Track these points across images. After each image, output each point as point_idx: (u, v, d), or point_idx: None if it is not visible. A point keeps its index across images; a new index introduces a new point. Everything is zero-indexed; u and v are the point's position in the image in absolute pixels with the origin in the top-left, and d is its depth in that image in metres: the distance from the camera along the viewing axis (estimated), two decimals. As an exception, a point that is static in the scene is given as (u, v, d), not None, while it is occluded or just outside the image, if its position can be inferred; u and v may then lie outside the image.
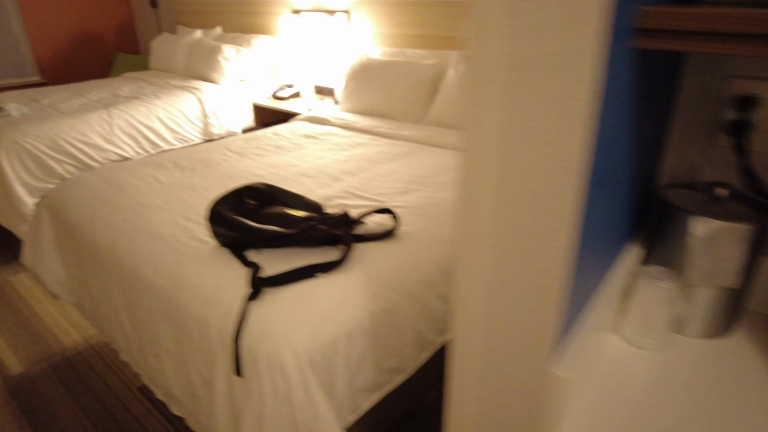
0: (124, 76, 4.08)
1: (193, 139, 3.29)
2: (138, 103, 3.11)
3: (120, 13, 5.17)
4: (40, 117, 2.83)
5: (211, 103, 3.34)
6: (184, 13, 4.48)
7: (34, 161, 2.64)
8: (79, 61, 5.00)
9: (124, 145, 2.96)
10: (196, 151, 2.15)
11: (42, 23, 4.68)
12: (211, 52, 3.55)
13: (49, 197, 1.85)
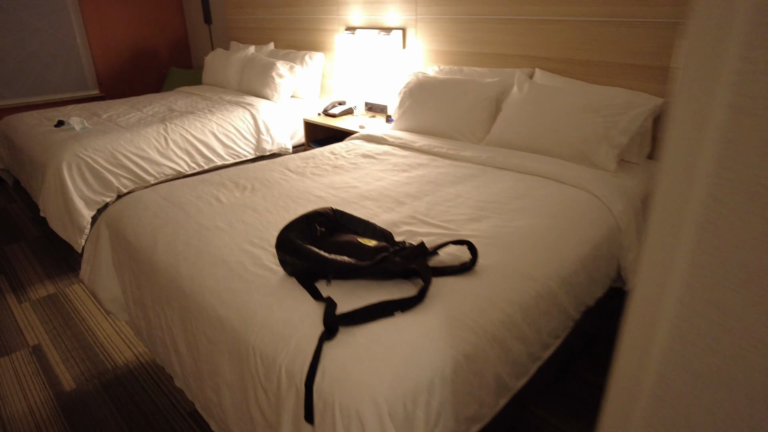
0: (178, 90, 4.15)
1: (245, 155, 3.28)
2: (192, 117, 3.13)
3: (175, 29, 5.31)
4: (100, 131, 2.88)
5: (264, 119, 3.33)
6: (237, 29, 4.54)
7: (92, 174, 2.67)
8: (135, 76, 5.14)
9: (178, 160, 2.97)
10: (255, 170, 2.11)
11: (103, 40, 4.84)
12: (265, 69, 3.56)
13: (108, 213, 1.83)
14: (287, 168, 2.16)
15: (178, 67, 5.27)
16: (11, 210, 3.76)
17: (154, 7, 5.09)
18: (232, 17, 4.55)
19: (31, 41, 4.47)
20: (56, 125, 3.04)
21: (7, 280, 2.77)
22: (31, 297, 2.59)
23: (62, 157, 2.58)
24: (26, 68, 4.49)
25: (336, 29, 3.57)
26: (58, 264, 2.90)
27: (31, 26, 4.44)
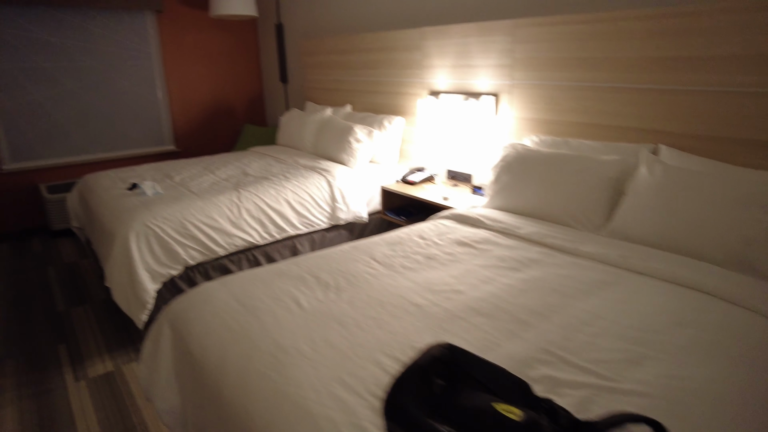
0: (252, 151, 4.05)
1: (319, 224, 3.05)
2: (267, 184, 2.95)
3: (252, 88, 5.34)
4: (172, 197, 2.74)
5: (340, 187, 3.11)
6: (313, 89, 4.46)
7: (160, 245, 2.50)
8: (211, 132, 5.17)
9: (250, 230, 2.77)
10: (337, 260, 1.83)
11: (182, 97, 4.92)
12: (342, 133, 3.37)
13: (172, 311, 1.59)
14: (373, 258, 1.86)
15: (252, 125, 5.27)
16: (82, 266, 3.71)
17: (232, 66, 5.16)
18: (308, 77, 4.49)
19: (116, 99, 4.58)
20: (129, 188, 2.94)
21: (67, 349, 2.62)
22: (89, 374, 2.40)
23: (131, 226, 2.44)
24: (110, 124, 4.60)
25: (418, 93, 3.36)
26: (119, 334, 2.72)
27: (118, 85, 4.57)
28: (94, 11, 4.32)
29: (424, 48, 3.24)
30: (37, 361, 2.52)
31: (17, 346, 2.66)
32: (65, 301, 3.14)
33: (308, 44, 4.36)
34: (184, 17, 4.77)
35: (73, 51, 4.31)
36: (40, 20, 4.11)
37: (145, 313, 2.45)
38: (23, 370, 2.44)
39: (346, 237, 3.25)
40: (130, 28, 4.53)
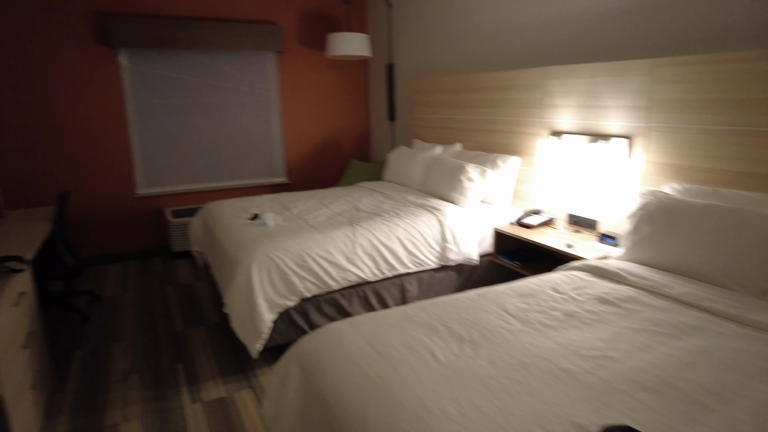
0: (360, 186, 4.11)
1: (429, 264, 2.98)
2: (380, 221, 2.94)
3: (359, 124, 5.50)
4: (291, 229, 2.81)
5: (451, 226, 3.03)
6: (421, 127, 4.48)
7: (280, 276, 2.55)
8: (319, 166, 5.35)
9: (363, 266, 2.76)
10: (467, 309, 1.73)
11: (295, 132, 5.16)
12: (454, 171, 3.32)
13: (301, 350, 1.57)
14: (505, 310, 1.74)
15: (357, 160, 5.39)
16: (197, 288, 3.91)
17: (342, 103, 5.35)
18: (417, 115, 4.52)
19: (236, 133, 4.91)
20: (251, 218, 3.07)
21: (185, 369, 2.72)
22: (203, 397, 2.47)
23: (254, 256, 2.51)
24: (230, 156, 4.92)
25: (537, 133, 3.23)
26: (232, 360, 2.79)
27: (239, 120, 4.90)
28: (224, 53, 4.71)
29: (546, 87, 3.12)
30: (159, 377, 2.64)
31: (143, 361, 2.81)
32: (183, 321, 3.31)
33: (419, 83, 4.41)
34: (302, 57, 5.05)
35: (203, 88, 4.69)
36: (177, 61, 4.54)
37: (260, 342, 2.49)
38: (148, 386, 2.57)
39: (455, 278, 3.15)
40: (253, 68, 4.87)
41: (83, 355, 2.89)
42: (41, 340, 2.50)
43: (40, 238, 2.81)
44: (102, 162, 4.39)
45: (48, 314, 3.48)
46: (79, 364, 2.80)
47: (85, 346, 3.01)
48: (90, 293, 3.70)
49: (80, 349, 2.97)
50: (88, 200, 4.41)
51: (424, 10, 4.37)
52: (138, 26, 4.18)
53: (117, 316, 3.41)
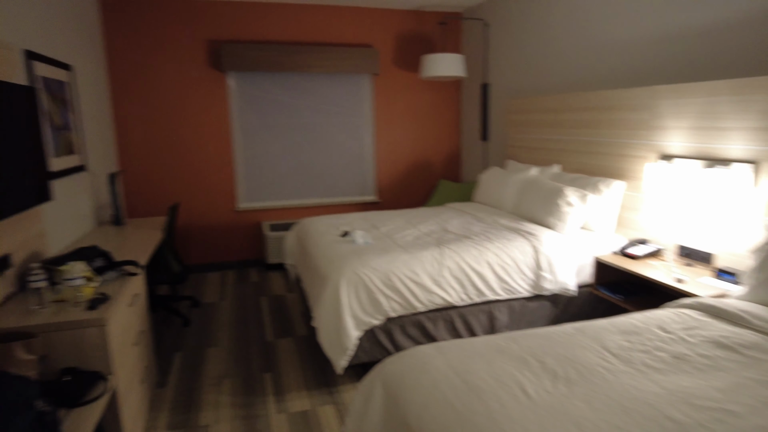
0: (449, 206, 4.07)
1: (520, 292, 2.85)
2: (469, 243, 2.87)
3: (450, 145, 5.47)
4: (379, 248, 2.83)
5: (547, 253, 2.88)
6: (516, 148, 4.36)
7: (366, 294, 2.57)
8: (408, 185, 5.39)
9: (450, 289, 2.70)
10: (560, 344, 1.62)
11: (387, 151, 5.25)
12: (551, 194, 3.16)
13: (386, 371, 1.55)
14: (604, 347, 1.60)
15: (447, 180, 5.35)
16: (288, 300, 4.07)
17: (434, 124, 5.36)
18: (511, 135, 4.40)
19: (331, 152, 5.09)
20: (342, 235, 3.14)
21: (272, 379, 2.81)
22: (289, 408, 2.53)
23: (343, 273, 2.56)
24: (324, 174, 5.10)
25: (644, 156, 3.00)
26: (318, 374, 2.85)
27: (334, 139, 5.08)
28: (323, 75, 4.93)
29: (654, 108, 2.90)
30: (248, 384, 2.76)
31: (234, 367, 2.96)
32: (273, 332, 3.44)
33: (515, 103, 4.31)
34: (396, 79, 5.15)
35: (302, 109, 4.94)
36: (279, 83, 4.82)
37: (346, 358, 2.52)
38: (238, 391, 2.69)
39: (550, 309, 2.98)
40: (349, 90, 5.04)
41: (183, 356, 3.10)
42: (149, 339, 2.72)
43: (153, 246, 3.08)
44: (208, 177, 4.75)
45: (154, 316, 3.79)
46: (179, 364, 3.01)
47: (185, 347, 3.23)
48: (191, 299, 3.98)
49: (180, 350, 3.18)
50: (194, 212, 4.78)
51: (521, 29, 4.28)
52: (245, 51, 4.51)
53: (214, 322, 3.63)
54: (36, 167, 2.35)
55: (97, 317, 1.92)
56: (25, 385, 1.40)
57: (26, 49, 2.72)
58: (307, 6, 4.76)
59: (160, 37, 4.44)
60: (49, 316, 1.92)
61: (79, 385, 1.81)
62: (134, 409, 2.23)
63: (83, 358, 1.93)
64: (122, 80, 4.41)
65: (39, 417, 1.39)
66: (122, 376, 2.08)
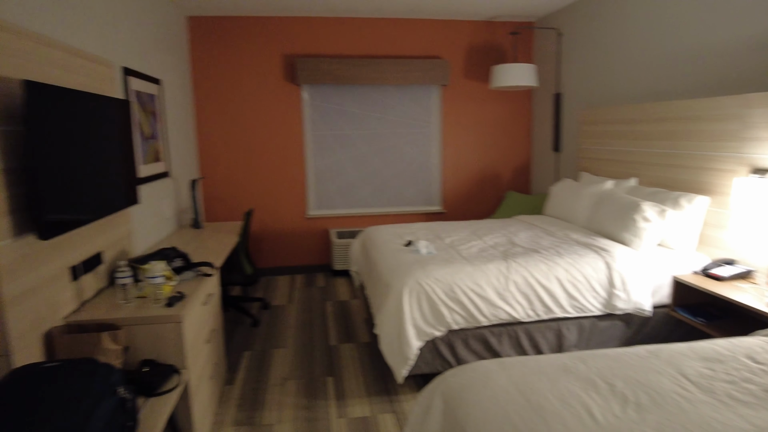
0: (518, 219, 3.97)
1: (591, 310, 2.72)
2: (537, 258, 2.78)
3: (520, 156, 5.34)
4: (443, 259, 2.81)
5: (621, 270, 2.73)
6: (589, 159, 4.18)
7: (429, 305, 2.56)
8: (475, 196, 5.31)
9: (515, 304, 2.63)
10: (634, 367, 1.52)
11: (453, 161, 5.21)
12: (627, 209, 3.00)
13: (446, 384, 1.53)
14: (682, 373, 1.49)
15: (516, 192, 5.23)
16: (352, 306, 4.13)
17: (503, 133, 5.26)
18: (585, 147, 4.23)
19: (398, 162, 5.13)
20: (405, 245, 3.15)
21: (334, 383, 2.86)
22: (349, 413, 2.56)
23: (405, 282, 2.56)
24: (390, 183, 5.15)
25: (733, 170, 2.77)
26: (378, 381, 2.86)
27: (401, 150, 5.12)
28: (393, 87, 4.99)
29: (745, 117, 2.68)
30: (311, 387, 2.82)
31: (298, 369, 3.04)
32: (337, 336, 3.51)
33: (589, 113, 4.14)
34: (465, 89, 5.11)
35: (371, 120, 5.02)
36: (350, 96, 4.94)
37: (406, 368, 2.51)
38: (301, 393, 2.76)
39: (622, 330, 2.82)
40: (418, 101, 5.07)
41: (251, 355, 3.23)
42: (220, 337, 2.86)
43: (228, 249, 3.25)
44: (282, 185, 4.95)
45: (226, 315, 3.97)
46: (247, 363, 3.13)
47: (253, 347, 3.36)
48: (262, 300, 4.14)
49: (249, 350, 3.32)
50: (267, 218, 4.99)
51: (596, 37, 4.12)
52: (318, 65, 4.67)
53: (281, 324, 3.76)
54: (127, 173, 2.56)
55: (174, 314, 2.04)
56: (111, 373, 1.52)
57: (124, 66, 2.98)
58: (379, 20, 4.86)
59: (240, 52, 4.70)
60: (132, 310, 2.08)
61: (156, 376, 1.93)
62: (204, 403, 2.35)
63: (160, 352, 2.06)
64: (205, 93, 4.71)
65: (121, 403, 1.50)
66: (194, 371, 2.20)
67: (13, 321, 1.64)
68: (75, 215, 1.96)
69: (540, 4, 4.46)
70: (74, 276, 2.10)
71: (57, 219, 1.81)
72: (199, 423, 2.23)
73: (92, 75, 2.37)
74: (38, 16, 2.02)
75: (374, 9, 4.54)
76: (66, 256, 2.04)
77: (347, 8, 4.49)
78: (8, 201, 1.66)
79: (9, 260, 1.64)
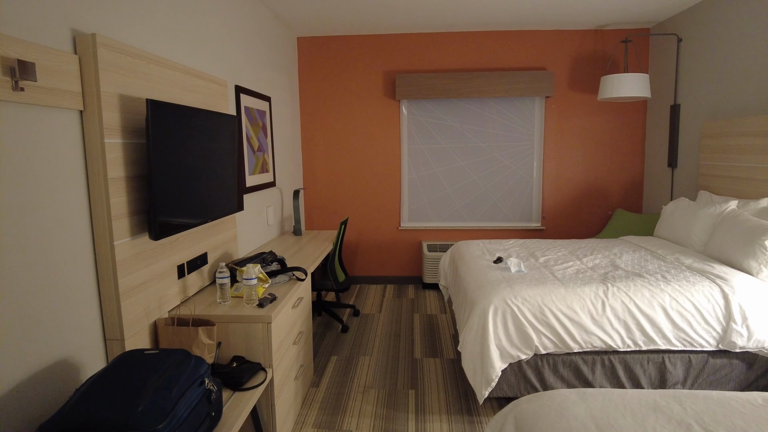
0: (624, 240, 3.67)
1: (702, 344, 2.43)
2: (640, 282, 2.55)
3: (631, 171, 4.95)
4: (534, 278, 2.68)
5: (741, 302, 2.40)
6: (711, 176, 3.75)
7: (515, 325, 2.45)
8: (578, 214, 5.01)
9: (612, 332, 2.43)
10: (743, 415, 1.33)
11: (556, 176, 4.97)
12: (752, 233, 2.65)
13: (520, 410, 1.45)
14: (807, 428, 1.27)
15: (625, 210, 4.84)
16: (440, 320, 4.08)
17: (612, 148, 4.91)
18: (706, 162, 3.81)
19: (496, 176, 5.01)
20: (495, 261, 3.06)
21: (415, 396, 2.84)
22: (427, 429, 2.52)
23: (491, 300, 2.48)
24: (487, 198, 5.04)
25: None
26: (460, 400, 2.79)
27: (500, 163, 4.99)
28: (494, 100, 4.89)
29: None
30: (392, 398, 2.83)
31: (382, 378, 3.06)
32: (422, 350, 3.48)
33: (713, 125, 3.72)
34: (571, 101, 4.86)
35: (469, 134, 4.96)
36: (448, 110, 4.93)
37: (488, 389, 2.42)
38: (382, 403, 2.77)
39: (741, 371, 2.47)
40: (519, 113, 4.92)
41: (338, 360, 3.32)
42: (309, 341, 2.98)
43: (322, 256, 3.38)
44: (378, 197, 5.06)
45: (318, 320, 4.13)
46: (334, 367, 3.22)
47: (340, 352, 3.45)
48: (353, 307, 4.25)
49: (336, 354, 3.41)
50: (363, 228, 5.12)
51: (721, 42, 3.70)
52: (418, 80, 4.73)
53: (369, 332, 3.82)
54: (235, 182, 2.78)
55: (264, 314, 2.17)
56: (200, 365, 1.65)
57: (236, 84, 3.26)
58: (480, 33, 4.81)
59: (343, 70, 4.91)
60: (227, 308, 2.24)
61: (244, 372, 2.06)
62: (288, 402, 2.45)
63: (249, 350, 2.20)
64: (310, 109, 4.99)
65: (206, 393, 1.62)
66: (279, 371, 2.31)
67: (126, 310, 1.86)
68: (184, 219, 2.17)
69: (656, 9, 4.12)
70: (180, 274, 2.32)
71: (168, 222, 2.01)
72: (281, 421, 2.33)
73: (207, 93, 2.63)
74: (161, 41, 2.29)
75: (474, 23, 4.50)
76: (174, 255, 2.26)
77: (446, 24, 4.51)
78: (129, 205, 1.89)
79: (125, 257, 1.86)
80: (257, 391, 2.01)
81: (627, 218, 4.53)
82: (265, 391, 2.22)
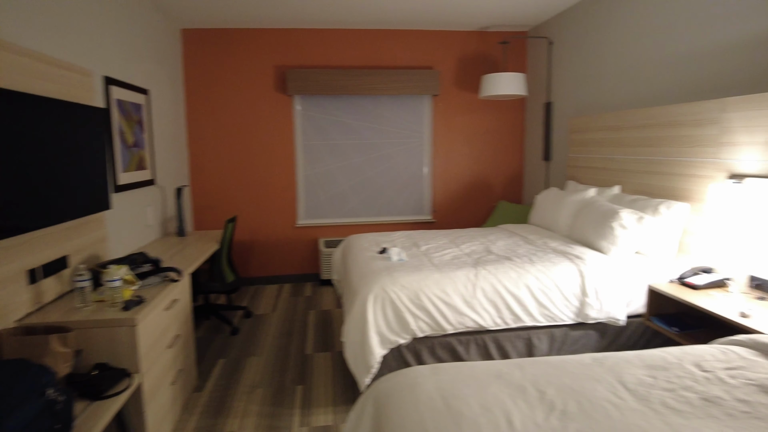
0: (502, 228, 3.92)
1: (562, 319, 2.66)
2: (509, 265, 2.73)
3: (511, 165, 5.29)
4: (412, 266, 2.78)
5: (594, 279, 2.66)
6: (577, 168, 4.12)
7: (393, 312, 2.52)
8: (465, 206, 5.27)
9: (482, 312, 2.58)
10: (572, 374, 1.47)
11: (444, 171, 5.18)
12: (605, 216, 2.94)
13: (377, 390, 1.49)
14: (621, 381, 1.44)
15: (507, 201, 5.17)
16: (334, 315, 4.10)
17: (495, 143, 5.23)
18: (573, 155, 4.18)
19: (389, 171, 5.12)
20: (380, 252, 3.12)
21: (303, 392, 2.82)
22: (312, 422, 2.52)
23: (371, 288, 2.53)
24: (381, 193, 5.14)
25: (710, 176, 2.70)
26: (346, 390, 2.82)
27: (393, 160, 5.11)
28: (384, 97, 5.00)
29: (723, 122, 2.62)
30: (278, 395, 2.79)
31: (269, 377, 3.01)
32: (314, 345, 3.47)
33: (577, 121, 4.09)
34: (456, 99, 5.10)
35: (363, 130, 5.03)
36: (342, 106, 4.96)
37: (369, 376, 2.47)
38: (267, 401, 2.72)
39: (596, 339, 2.74)
40: (409, 111, 5.07)
41: (225, 363, 3.21)
42: (188, 344, 2.84)
43: (205, 256, 3.25)
44: (272, 194, 4.96)
45: (206, 323, 3.96)
46: (220, 370, 3.11)
47: (228, 354, 3.34)
48: (245, 309, 4.13)
49: (224, 357, 3.30)
50: (257, 227, 4.99)
51: (584, 45, 4.08)
52: (310, 76, 4.70)
53: (261, 333, 3.74)
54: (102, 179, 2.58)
55: (128, 318, 2.04)
56: (42, 374, 1.51)
57: (106, 76, 3.02)
58: (370, 31, 4.88)
59: (232, 64, 4.75)
60: (88, 314, 2.08)
61: (105, 379, 1.92)
62: (162, 409, 2.33)
63: (115, 356, 2.05)
64: (197, 103, 4.77)
65: (49, 405, 1.49)
66: (151, 376, 2.18)
67: (-47, 321, 1.65)
68: (30, 219, 1.97)
69: (531, 13, 4.44)
70: (32, 279, 2.11)
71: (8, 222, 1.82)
72: (155, 429, 2.21)
73: (66, 83, 2.40)
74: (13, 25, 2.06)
75: (366, 21, 4.56)
76: (23, 258, 2.05)
77: (338, 20, 4.52)
78: (-48, 202, 1.68)
79: (-50, 260, 1.66)
80: (119, 399, 1.89)
81: (508, 208, 4.84)
82: (134, 397, 2.09)
